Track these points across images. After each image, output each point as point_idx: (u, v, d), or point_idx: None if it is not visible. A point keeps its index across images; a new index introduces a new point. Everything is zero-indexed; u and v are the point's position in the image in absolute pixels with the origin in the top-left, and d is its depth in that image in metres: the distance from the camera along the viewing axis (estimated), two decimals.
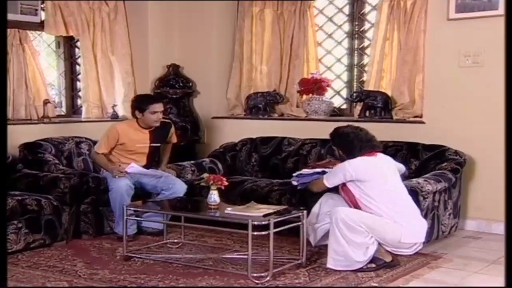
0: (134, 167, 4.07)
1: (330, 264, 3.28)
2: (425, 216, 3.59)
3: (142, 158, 4.21)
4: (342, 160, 3.48)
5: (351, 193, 3.39)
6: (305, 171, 3.73)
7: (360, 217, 3.26)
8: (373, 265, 3.27)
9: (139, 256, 3.53)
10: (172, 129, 4.41)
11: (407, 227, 3.31)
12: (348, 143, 3.45)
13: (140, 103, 4.15)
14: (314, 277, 3.16)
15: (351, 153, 3.43)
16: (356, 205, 3.37)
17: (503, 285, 2.22)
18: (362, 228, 3.23)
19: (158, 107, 4.13)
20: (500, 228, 3.93)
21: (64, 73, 5.49)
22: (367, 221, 3.25)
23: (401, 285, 3.07)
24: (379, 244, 3.31)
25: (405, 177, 3.71)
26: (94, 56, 5.27)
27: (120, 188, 3.89)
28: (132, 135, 4.16)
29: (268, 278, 3.09)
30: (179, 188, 4.09)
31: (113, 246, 3.79)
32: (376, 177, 3.35)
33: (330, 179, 3.46)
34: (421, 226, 3.43)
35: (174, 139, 4.47)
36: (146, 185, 4.14)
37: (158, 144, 4.29)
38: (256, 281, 3.06)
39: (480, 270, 3.37)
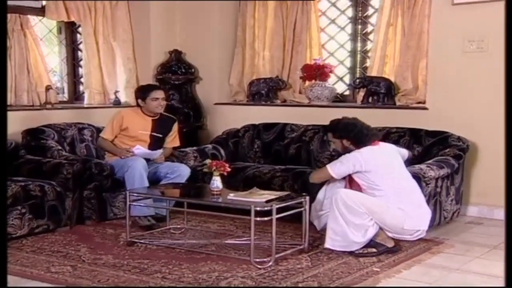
0: (140, 149, 4.15)
1: (328, 244, 3.29)
2: (428, 202, 3.59)
3: (144, 146, 4.22)
4: (347, 152, 3.41)
5: (357, 185, 3.37)
6: None
7: (361, 198, 3.26)
8: (374, 250, 3.28)
9: (142, 241, 3.55)
10: (176, 126, 4.43)
11: (412, 214, 3.31)
12: (358, 133, 3.39)
13: (141, 92, 4.32)
14: (316, 262, 3.18)
15: (361, 142, 3.38)
16: None
17: (503, 270, 2.22)
18: (362, 209, 3.22)
19: (159, 94, 4.27)
20: (502, 214, 3.93)
21: (66, 59, 5.48)
22: (367, 203, 3.25)
23: (402, 270, 3.09)
24: (381, 229, 3.32)
25: (409, 162, 3.70)
26: (96, 42, 5.25)
27: (138, 166, 3.94)
28: (135, 120, 4.26)
29: (270, 263, 3.10)
30: (184, 170, 4.14)
31: (116, 231, 3.81)
32: (383, 166, 3.34)
33: (337, 169, 3.38)
34: (425, 214, 3.43)
35: (177, 141, 4.46)
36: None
37: (160, 135, 4.32)
38: (259, 266, 3.07)
39: (482, 255, 3.38)
